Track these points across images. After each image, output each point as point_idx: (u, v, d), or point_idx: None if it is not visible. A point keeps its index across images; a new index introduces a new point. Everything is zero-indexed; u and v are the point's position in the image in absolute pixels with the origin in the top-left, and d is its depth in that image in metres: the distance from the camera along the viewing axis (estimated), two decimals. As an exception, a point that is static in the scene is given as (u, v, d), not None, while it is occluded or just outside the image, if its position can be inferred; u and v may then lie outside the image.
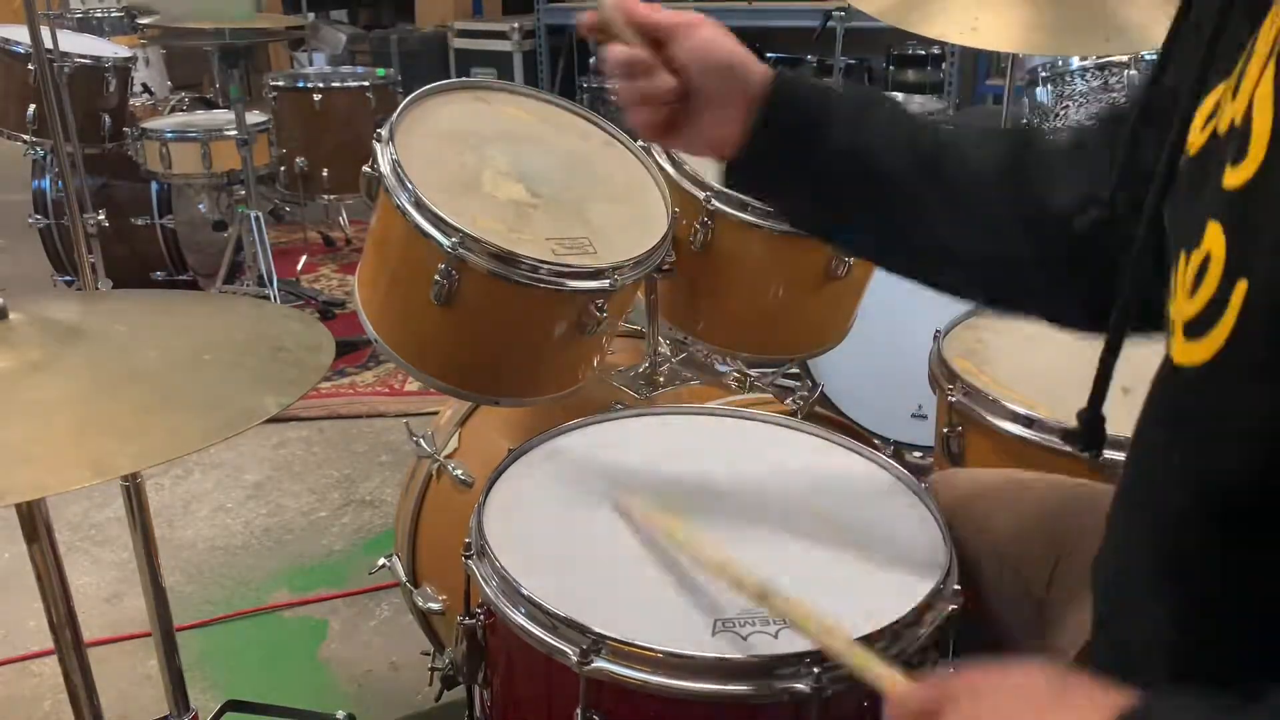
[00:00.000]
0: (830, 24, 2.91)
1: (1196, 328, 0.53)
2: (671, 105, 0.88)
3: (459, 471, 1.45)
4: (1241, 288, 0.50)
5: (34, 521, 0.99)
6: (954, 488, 1.06)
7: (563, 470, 1.11)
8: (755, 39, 5.08)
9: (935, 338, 1.48)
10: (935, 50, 4.59)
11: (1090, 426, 0.73)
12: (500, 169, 1.35)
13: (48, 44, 2.02)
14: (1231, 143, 0.53)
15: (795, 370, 2.21)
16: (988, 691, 0.61)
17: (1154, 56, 0.69)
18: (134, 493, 1.35)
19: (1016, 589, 0.94)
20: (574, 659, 0.84)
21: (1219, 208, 0.54)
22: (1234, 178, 0.52)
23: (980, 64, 4.97)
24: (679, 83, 0.87)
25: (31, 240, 3.52)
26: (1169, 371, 0.57)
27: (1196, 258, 0.55)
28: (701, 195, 1.45)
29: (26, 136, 3.17)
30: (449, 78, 2.13)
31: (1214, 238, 0.53)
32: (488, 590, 0.93)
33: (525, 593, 0.89)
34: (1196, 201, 0.57)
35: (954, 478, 1.12)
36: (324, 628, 1.98)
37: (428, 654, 1.57)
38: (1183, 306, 0.55)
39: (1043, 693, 0.60)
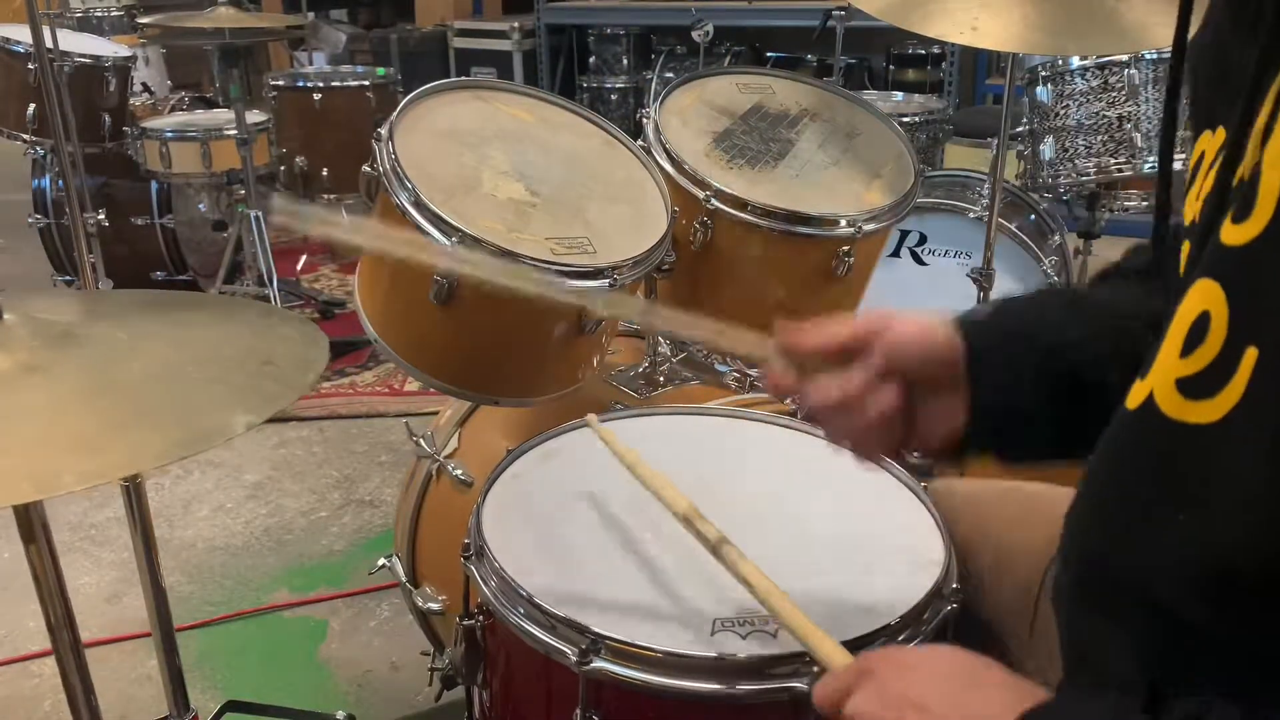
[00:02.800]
0: (830, 24, 2.90)
1: (1198, 388, 0.52)
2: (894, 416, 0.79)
3: (459, 471, 1.44)
4: (1252, 355, 0.48)
5: (31, 522, 0.99)
6: (953, 495, 1.07)
7: (562, 470, 1.11)
8: (755, 39, 5.08)
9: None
10: (935, 50, 4.59)
11: None
12: (500, 169, 1.35)
13: (48, 43, 2.02)
14: (1236, 198, 0.52)
15: (795, 370, 2.20)
16: (906, 669, 0.65)
17: (1154, 56, 0.69)
18: (134, 493, 1.35)
19: (1014, 590, 0.94)
20: (573, 659, 0.84)
21: (1217, 265, 0.52)
22: (1236, 235, 0.50)
23: (980, 64, 4.97)
24: (897, 391, 0.78)
25: (31, 240, 3.52)
26: (1158, 422, 0.55)
27: (1188, 313, 0.53)
28: (701, 195, 1.45)
29: (26, 136, 3.16)
30: (449, 77, 2.13)
31: (1212, 296, 0.51)
32: (486, 591, 0.93)
33: (524, 593, 0.89)
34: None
35: (953, 486, 1.13)
36: (324, 628, 1.98)
37: (427, 654, 1.57)
38: (1175, 362, 0.54)
39: (960, 674, 0.63)
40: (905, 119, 2.94)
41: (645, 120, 1.53)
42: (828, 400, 0.79)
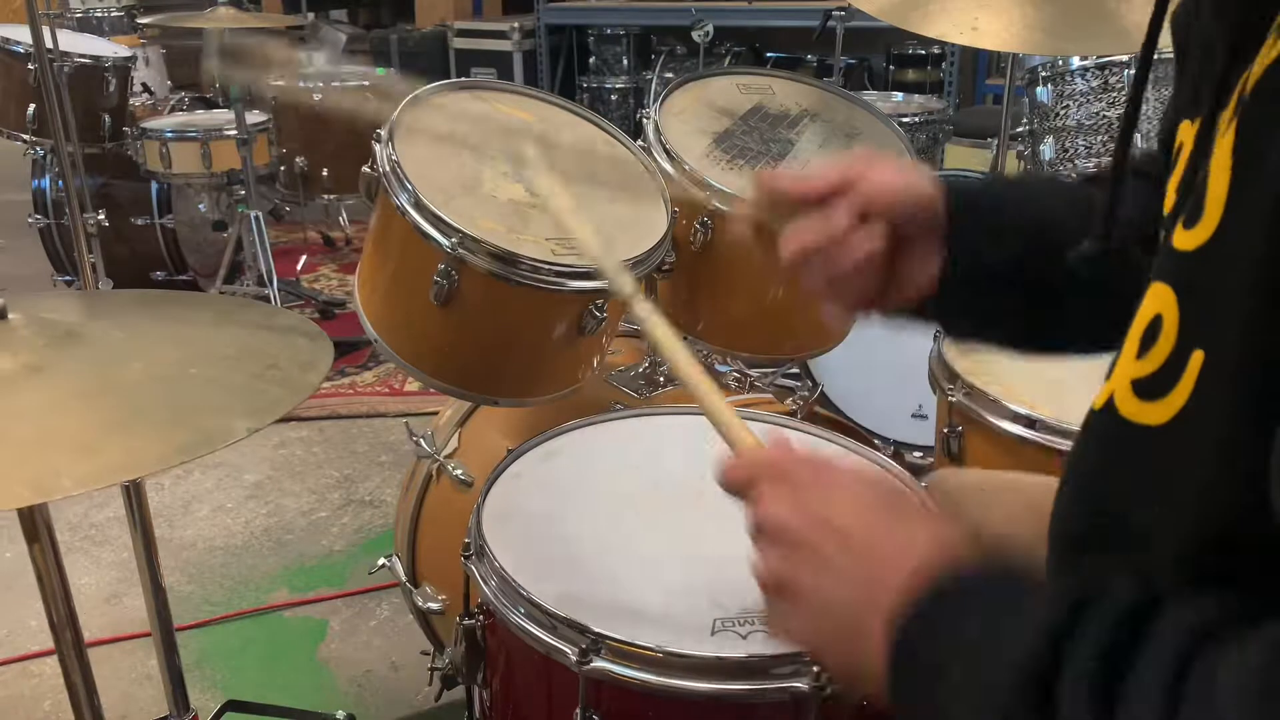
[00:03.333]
0: (830, 24, 2.90)
1: (1150, 389, 0.52)
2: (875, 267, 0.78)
3: (459, 471, 1.45)
4: (1197, 359, 0.49)
5: (34, 522, 1.00)
6: (950, 489, 1.07)
7: (562, 470, 1.11)
8: (755, 39, 5.09)
9: (935, 338, 1.48)
10: (935, 50, 4.59)
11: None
12: (500, 169, 1.35)
13: (48, 43, 2.02)
14: (1189, 201, 0.52)
15: (795, 370, 2.21)
16: (829, 486, 0.61)
17: (1154, 57, 0.69)
18: (134, 493, 1.35)
19: None
20: (573, 659, 0.84)
21: (1169, 269, 0.53)
22: (1187, 240, 0.51)
23: (980, 64, 4.97)
24: (880, 232, 0.77)
25: (32, 240, 3.53)
26: (1116, 424, 0.55)
27: (1144, 315, 0.54)
28: (701, 195, 1.45)
29: (26, 136, 3.17)
30: (449, 78, 2.13)
31: (1165, 300, 0.52)
32: (487, 590, 0.93)
33: (524, 593, 0.89)
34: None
35: (948, 478, 1.12)
36: (324, 628, 1.98)
37: (427, 654, 1.57)
38: (1132, 364, 0.54)
39: (885, 505, 0.60)
40: (905, 119, 2.94)
41: (645, 120, 1.53)
42: (809, 241, 0.77)
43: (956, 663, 0.52)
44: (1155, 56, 0.66)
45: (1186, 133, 0.59)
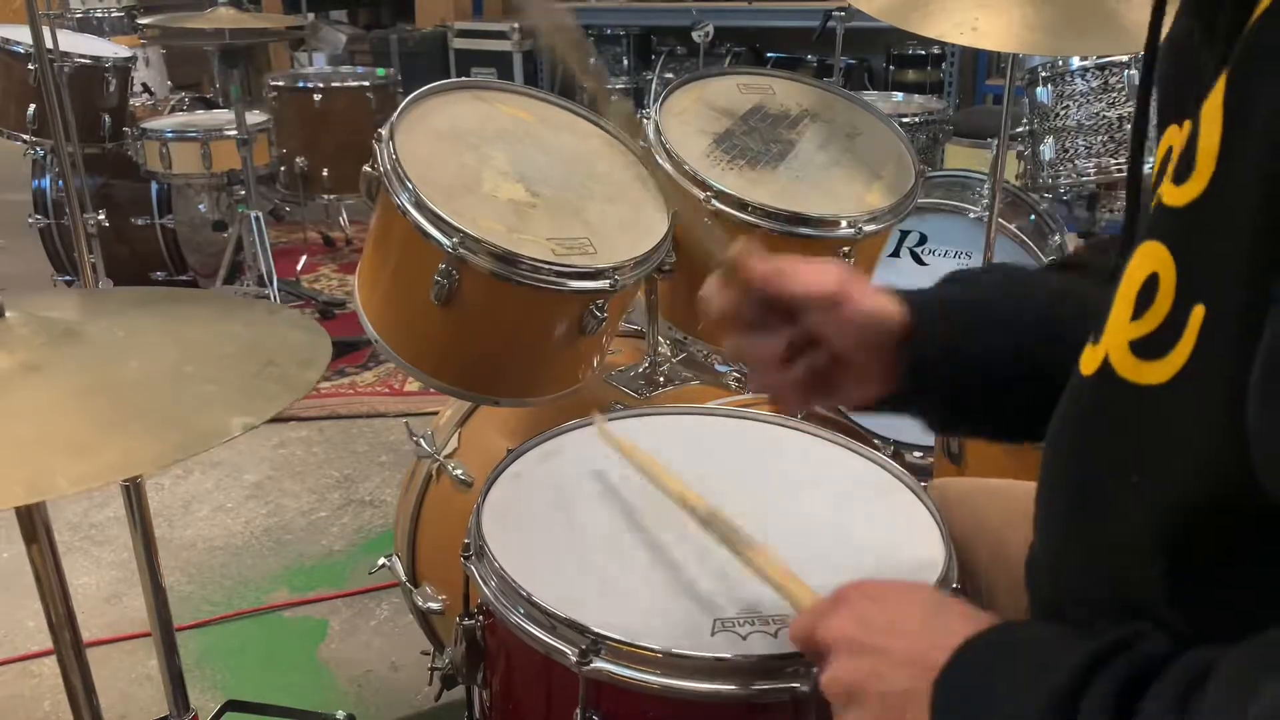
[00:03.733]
0: (830, 24, 2.90)
1: (1150, 349, 0.52)
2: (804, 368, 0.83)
3: (459, 471, 1.44)
4: (1198, 314, 0.49)
5: (33, 521, 0.99)
6: (951, 493, 1.07)
7: (562, 470, 1.11)
8: (755, 39, 5.09)
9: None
10: (935, 50, 4.59)
11: None
12: (500, 169, 1.35)
13: (48, 44, 2.02)
14: (1179, 161, 0.52)
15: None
16: (878, 598, 0.68)
17: None
18: (134, 492, 1.35)
19: (1011, 587, 0.94)
20: (573, 659, 0.84)
21: (1162, 226, 0.53)
22: (1178, 196, 0.51)
23: (980, 64, 4.97)
24: (827, 354, 0.82)
25: (32, 240, 3.53)
26: (1114, 385, 0.55)
27: (1137, 276, 0.54)
28: (701, 195, 1.45)
29: (26, 136, 3.17)
30: (449, 78, 2.13)
31: (1159, 258, 0.52)
32: (486, 591, 0.93)
33: (524, 593, 0.88)
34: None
35: (951, 484, 1.13)
36: (324, 628, 1.98)
37: (427, 654, 1.57)
38: (1127, 325, 0.54)
39: (928, 601, 0.68)
40: (905, 119, 2.94)
41: (645, 121, 1.53)
42: (762, 356, 0.83)
43: (989, 707, 0.56)
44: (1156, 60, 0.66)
45: (1174, 137, 0.58)
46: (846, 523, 1.03)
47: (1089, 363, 0.59)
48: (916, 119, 2.99)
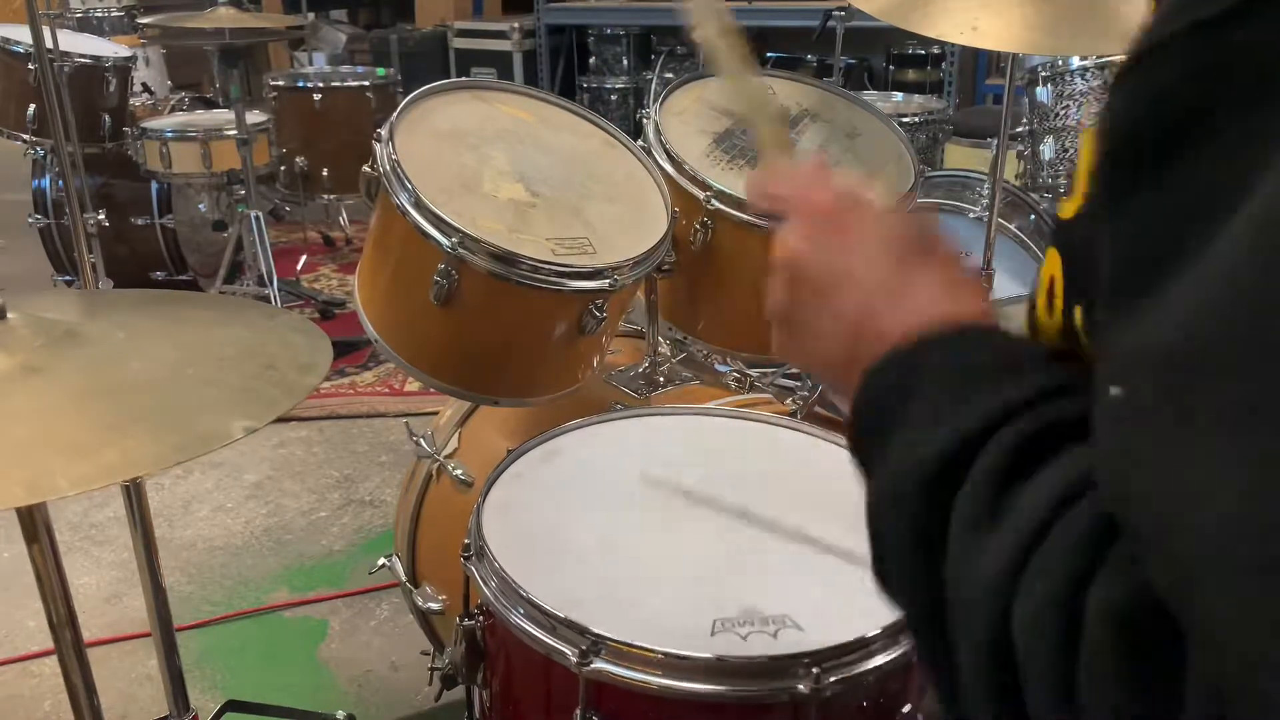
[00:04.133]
0: (830, 24, 2.90)
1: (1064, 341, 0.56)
2: None
3: (459, 471, 1.45)
4: (1078, 314, 0.53)
5: (34, 521, 0.99)
6: None
7: (562, 470, 1.11)
8: (755, 39, 5.08)
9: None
10: (935, 50, 4.59)
11: None
12: (500, 169, 1.35)
13: (48, 43, 2.02)
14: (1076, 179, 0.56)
15: (795, 370, 2.21)
16: (846, 227, 0.61)
17: None
18: (134, 493, 1.35)
19: None
20: (573, 660, 0.84)
21: (1056, 235, 0.57)
22: (1067, 209, 0.55)
23: (980, 64, 4.97)
24: None
25: (32, 240, 3.52)
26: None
27: (1044, 278, 0.57)
28: (701, 195, 1.45)
29: (26, 136, 3.17)
30: (449, 78, 2.13)
31: (1054, 263, 0.56)
32: (486, 591, 0.93)
33: (524, 593, 0.89)
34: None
35: None
36: (324, 628, 1.98)
37: (427, 654, 1.57)
38: (1045, 320, 0.58)
39: (897, 249, 0.59)
40: (905, 119, 2.94)
41: (645, 120, 1.53)
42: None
43: (894, 435, 0.53)
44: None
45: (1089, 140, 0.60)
46: (845, 523, 1.03)
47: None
48: (916, 119, 2.99)
